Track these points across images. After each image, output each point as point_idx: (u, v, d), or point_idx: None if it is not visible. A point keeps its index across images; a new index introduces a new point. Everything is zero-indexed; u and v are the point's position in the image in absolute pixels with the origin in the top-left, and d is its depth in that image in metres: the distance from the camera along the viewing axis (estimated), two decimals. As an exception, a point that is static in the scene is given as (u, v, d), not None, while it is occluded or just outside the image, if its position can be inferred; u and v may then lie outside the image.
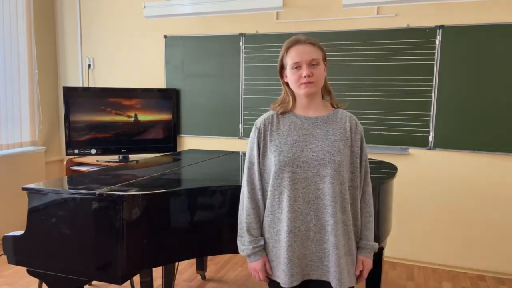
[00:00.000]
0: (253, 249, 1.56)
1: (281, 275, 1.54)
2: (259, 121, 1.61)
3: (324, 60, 1.57)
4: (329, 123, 1.56)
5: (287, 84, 1.58)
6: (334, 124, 1.56)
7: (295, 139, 1.53)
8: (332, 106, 1.62)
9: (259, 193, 1.58)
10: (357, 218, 1.59)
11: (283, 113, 1.59)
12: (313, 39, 1.55)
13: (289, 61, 1.53)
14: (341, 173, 1.50)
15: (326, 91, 1.62)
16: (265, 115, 1.62)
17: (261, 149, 1.57)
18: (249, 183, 1.59)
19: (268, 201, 1.56)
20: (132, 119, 3.95)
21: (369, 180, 1.62)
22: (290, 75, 1.54)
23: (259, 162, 1.58)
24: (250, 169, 1.59)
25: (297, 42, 1.53)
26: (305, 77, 1.49)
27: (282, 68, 1.59)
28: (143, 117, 3.98)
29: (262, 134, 1.58)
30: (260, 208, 1.59)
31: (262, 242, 1.57)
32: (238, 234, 1.62)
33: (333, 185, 1.49)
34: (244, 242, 1.59)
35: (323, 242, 1.51)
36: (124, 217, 1.74)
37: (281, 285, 1.54)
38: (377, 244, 1.63)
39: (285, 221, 1.51)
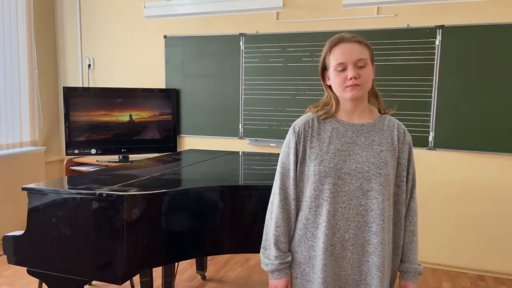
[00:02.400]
0: (279, 265, 1.40)
1: None
2: (298, 124, 1.44)
3: (372, 60, 1.42)
4: (375, 131, 1.41)
5: (329, 87, 1.42)
6: (381, 132, 1.42)
7: (338, 148, 1.38)
8: (379, 111, 1.47)
9: (292, 204, 1.42)
10: (400, 238, 1.44)
11: (325, 117, 1.42)
12: (360, 37, 1.40)
13: (332, 62, 1.37)
14: (387, 187, 1.36)
15: (373, 94, 1.47)
16: (304, 118, 1.44)
17: (300, 156, 1.41)
18: (282, 192, 1.43)
19: (302, 213, 1.41)
20: (132, 119, 3.95)
21: (416, 195, 1.46)
22: (333, 77, 1.38)
23: (295, 170, 1.42)
24: (285, 176, 1.43)
25: (341, 40, 1.38)
26: (351, 79, 1.33)
27: (324, 69, 1.43)
28: (143, 117, 3.98)
29: (302, 139, 1.41)
30: (292, 221, 1.43)
31: (289, 259, 1.42)
32: (262, 245, 1.47)
33: (378, 200, 1.34)
34: (269, 256, 1.43)
35: (360, 264, 1.37)
36: (124, 217, 1.74)
37: None
38: (422, 266, 1.45)
39: (322, 237, 1.36)
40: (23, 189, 1.89)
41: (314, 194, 1.38)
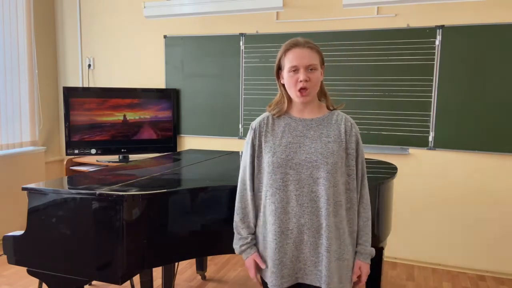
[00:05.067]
0: (240, 247, 1.60)
1: (270, 277, 1.54)
2: (255, 122, 1.62)
3: (322, 63, 1.55)
4: (323, 125, 1.55)
5: (283, 85, 1.57)
6: (329, 126, 1.55)
7: (289, 141, 1.53)
8: (328, 108, 1.61)
9: (249, 194, 1.60)
10: (355, 223, 1.57)
11: (278, 115, 1.59)
12: (312, 42, 1.53)
13: (286, 64, 1.52)
14: (334, 175, 1.49)
15: (322, 94, 1.61)
16: (261, 116, 1.63)
17: (256, 150, 1.58)
18: (241, 183, 1.62)
19: (262, 202, 1.58)
20: (131, 119, 3.95)
21: (366, 182, 1.61)
22: (287, 78, 1.53)
23: (252, 163, 1.59)
24: (244, 168, 1.62)
25: (295, 45, 1.51)
26: (301, 81, 1.48)
27: (279, 69, 1.58)
28: (143, 117, 3.98)
29: (257, 135, 1.58)
30: (249, 208, 1.61)
31: (249, 240, 1.60)
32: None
33: (326, 187, 1.48)
34: (235, 240, 1.64)
35: (317, 246, 1.50)
36: (124, 217, 1.74)
37: (269, 286, 1.54)
38: (373, 249, 1.62)
39: (277, 222, 1.51)
40: (23, 189, 1.89)
41: (269, 183, 1.54)
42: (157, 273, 2.94)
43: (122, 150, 3.95)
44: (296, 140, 1.53)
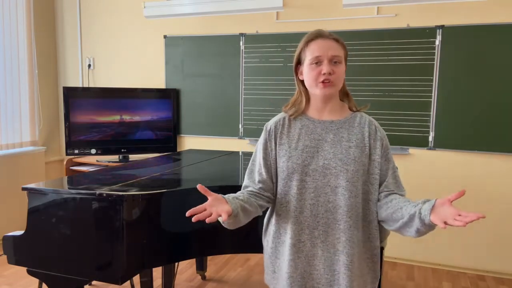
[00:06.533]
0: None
1: None
2: (270, 123, 1.47)
3: (346, 60, 1.41)
4: (344, 128, 1.40)
5: (302, 82, 1.42)
6: (351, 129, 1.40)
7: (306, 144, 1.38)
8: (351, 109, 1.46)
9: (258, 185, 1.42)
10: (376, 238, 1.42)
11: (295, 116, 1.43)
12: (337, 35, 1.40)
13: (308, 55, 1.37)
14: (355, 184, 1.34)
15: (344, 94, 1.47)
16: (277, 116, 1.47)
17: (270, 153, 1.43)
18: (247, 183, 1.47)
19: (275, 209, 1.44)
20: (131, 119, 3.95)
21: (403, 187, 1.44)
22: (307, 71, 1.37)
23: (260, 166, 1.44)
24: (251, 171, 1.47)
25: (319, 35, 1.39)
26: (324, 74, 1.33)
27: (298, 63, 1.43)
28: (143, 117, 3.97)
29: (273, 137, 1.43)
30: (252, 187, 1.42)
31: (233, 195, 1.38)
32: None
33: (345, 197, 1.33)
34: None
35: (332, 263, 1.35)
36: (124, 217, 1.74)
37: None
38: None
39: (290, 233, 1.38)
40: (23, 189, 1.89)
41: (283, 190, 1.40)
42: (157, 273, 2.94)
43: (122, 150, 3.95)
44: (314, 144, 1.38)
